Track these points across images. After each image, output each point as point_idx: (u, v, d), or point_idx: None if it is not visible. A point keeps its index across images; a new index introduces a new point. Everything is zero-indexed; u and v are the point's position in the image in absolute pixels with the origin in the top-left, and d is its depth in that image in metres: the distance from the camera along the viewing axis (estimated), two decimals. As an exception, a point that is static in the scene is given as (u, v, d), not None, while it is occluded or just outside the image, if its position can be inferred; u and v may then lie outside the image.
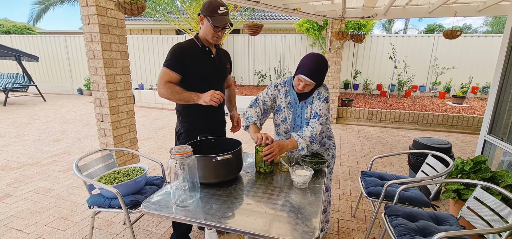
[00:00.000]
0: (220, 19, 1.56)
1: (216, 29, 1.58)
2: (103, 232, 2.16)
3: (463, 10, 4.51)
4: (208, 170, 1.29)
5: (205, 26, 1.61)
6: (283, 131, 1.74)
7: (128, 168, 1.98)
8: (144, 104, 8.16)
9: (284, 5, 4.37)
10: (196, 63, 1.64)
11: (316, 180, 1.41)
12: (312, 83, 1.51)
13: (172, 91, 1.58)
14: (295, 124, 1.69)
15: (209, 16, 1.55)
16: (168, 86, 1.58)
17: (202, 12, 1.58)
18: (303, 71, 1.49)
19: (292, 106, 1.67)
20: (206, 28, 1.60)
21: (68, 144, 4.35)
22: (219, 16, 1.56)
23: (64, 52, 10.33)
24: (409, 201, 1.87)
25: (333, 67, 5.92)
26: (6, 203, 2.57)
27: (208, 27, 1.59)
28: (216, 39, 1.65)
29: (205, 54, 1.69)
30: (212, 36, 1.62)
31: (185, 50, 1.62)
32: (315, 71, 1.48)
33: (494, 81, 2.71)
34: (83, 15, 2.61)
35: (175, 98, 1.61)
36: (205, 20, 1.59)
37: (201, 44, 1.67)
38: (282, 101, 1.68)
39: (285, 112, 1.69)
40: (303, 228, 1.00)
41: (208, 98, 1.52)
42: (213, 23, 1.55)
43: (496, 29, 17.27)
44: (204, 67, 1.69)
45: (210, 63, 1.72)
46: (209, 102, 1.52)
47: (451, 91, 8.23)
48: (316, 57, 1.51)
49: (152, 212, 1.13)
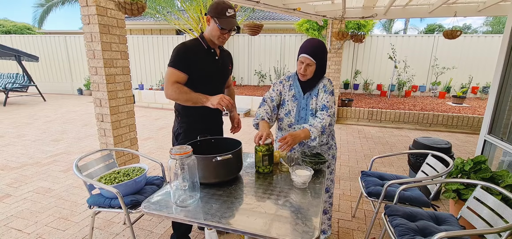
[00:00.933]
0: (227, 22, 1.53)
1: (223, 31, 1.55)
2: (103, 232, 2.16)
3: (463, 10, 4.51)
4: (208, 170, 1.29)
5: (211, 27, 1.57)
6: (287, 125, 1.74)
7: (128, 168, 1.98)
8: (144, 104, 8.17)
9: (284, 5, 4.37)
10: (200, 64, 1.62)
11: (316, 180, 1.41)
12: (312, 62, 1.54)
13: (180, 91, 1.54)
14: (300, 116, 1.69)
15: (217, 18, 1.52)
16: (176, 87, 1.55)
17: (209, 13, 1.55)
18: (303, 51, 1.55)
19: (297, 99, 1.69)
20: (213, 30, 1.57)
21: (68, 144, 4.35)
22: (227, 18, 1.53)
23: (64, 52, 10.33)
24: (409, 201, 1.87)
25: (333, 67, 5.92)
26: (6, 203, 2.57)
27: (215, 28, 1.55)
28: (221, 41, 1.62)
29: (210, 55, 1.67)
30: (218, 38, 1.59)
31: (189, 49, 1.60)
32: (314, 49, 1.54)
33: (494, 81, 2.71)
34: (83, 15, 2.61)
35: (183, 99, 1.56)
36: (212, 21, 1.55)
37: (206, 45, 1.64)
38: (286, 94, 1.71)
39: (289, 106, 1.71)
40: (303, 228, 1.00)
41: (216, 101, 1.48)
42: (221, 26, 1.52)
43: (496, 29, 17.27)
44: (208, 68, 1.66)
45: (214, 64, 1.69)
46: (216, 105, 1.48)
47: (451, 91, 8.23)
48: (314, 39, 1.59)
49: (152, 212, 1.13)
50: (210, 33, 1.60)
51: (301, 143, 1.70)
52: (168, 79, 1.57)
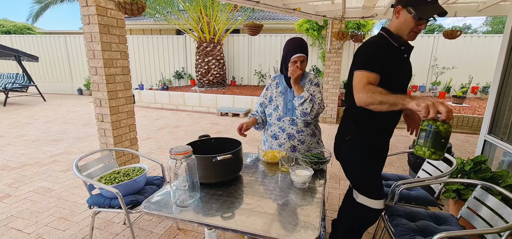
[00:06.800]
0: (429, 9, 1.23)
1: (420, 22, 1.26)
2: (103, 232, 2.16)
3: (463, 10, 4.51)
4: (208, 170, 1.29)
5: (403, 19, 1.29)
6: (276, 119, 1.80)
7: (128, 168, 1.98)
8: (144, 104, 8.17)
9: (284, 5, 4.37)
10: (393, 66, 1.34)
11: (316, 180, 1.41)
12: (304, 56, 1.65)
13: (374, 92, 1.21)
14: (287, 108, 1.77)
15: (413, 6, 1.24)
16: (369, 88, 1.24)
17: (401, 2, 1.29)
18: (294, 52, 1.63)
19: (283, 93, 1.78)
20: (405, 22, 1.29)
21: (68, 144, 4.35)
22: (427, 5, 1.24)
23: (64, 52, 10.33)
24: (415, 200, 1.87)
25: (333, 67, 5.92)
26: (6, 203, 2.57)
27: (409, 20, 1.27)
28: (413, 36, 1.33)
29: (401, 55, 1.39)
30: (411, 31, 1.30)
31: (381, 50, 1.34)
32: (301, 45, 1.65)
33: (494, 81, 2.71)
34: (83, 15, 2.61)
35: (378, 101, 1.18)
36: (404, 12, 1.28)
37: (397, 43, 1.36)
38: (274, 92, 1.82)
39: (276, 101, 1.80)
40: (303, 228, 1.00)
41: (424, 104, 1.04)
42: (418, 15, 1.23)
43: (496, 29, 17.27)
44: (399, 71, 1.38)
45: (405, 67, 1.41)
46: (425, 109, 1.03)
47: (451, 91, 8.23)
48: (296, 38, 1.69)
49: (152, 212, 1.13)
50: (400, 27, 1.32)
51: (291, 137, 1.78)
52: (358, 83, 1.28)
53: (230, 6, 7.93)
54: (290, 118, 1.75)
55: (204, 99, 7.33)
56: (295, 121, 1.74)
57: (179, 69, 10.10)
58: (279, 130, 1.79)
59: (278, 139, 1.79)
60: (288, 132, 1.76)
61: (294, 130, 1.75)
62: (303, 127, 1.75)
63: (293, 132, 1.75)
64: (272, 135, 1.82)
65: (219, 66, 8.68)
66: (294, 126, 1.75)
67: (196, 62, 8.73)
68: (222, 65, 8.79)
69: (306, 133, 1.77)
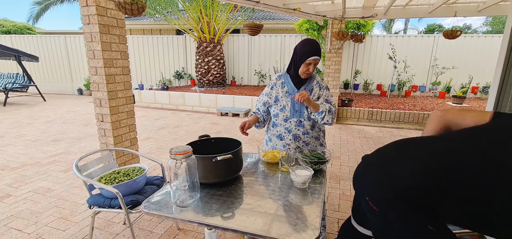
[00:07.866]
0: None
1: None
2: (103, 232, 2.16)
3: (463, 10, 4.51)
4: (208, 170, 1.29)
5: None
6: (282, 119, 1.79)
7: (128, 168, 1.98)
8: (144, 104, 8.17)
9: (284, 5, 4.37)
10: None
11: (316, 180, 1.41)
12: (318, 59, 1.65)
13: None
14: (295, 109, 1.76)
15: None
16: None
17: None
18: (309, 54, 1.61)
19: (290, 94, 1.76)
20: None
21: (68, 144, 4.35)
22: None
23: (64, 52, 10.33)
24: None
25: (333, 67, 5.92)
26: (6, 203, 2.57)
27: None
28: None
29: None
30: None
31: None
32: (316, 48, 1.63)
33: (494, 81, 2.71)
34: (83, 15, 2.61)
35: None
36: None
37: None
38: (279, 92, 1.79)
39: (283, 101, 1.77)
40: (303, 228, 1.00)
41: None
42: None
43: (496, 29, 17.27)
44: None
45: None
46: None
47: (451, 91, 8.23)
48: (310, 39, 1.69)
49: (152, 212, 1.13)
50: None
51: (297, 138, 1.76)
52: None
53: (230, 6, 7.93)
54: (297, 119, 1.74)
55: (204, 99, 7.33)
56: (302, 122, 1.74)
57: (179, 69, 10.11)
58: (285, 131, 1.77)
59: (284, 139, 1.78)
60: (294, 133, 1.75)
61: (300, 131, 1.75)
62: (309, 129, 1.75)
63: (299, 133, 1.75)
64: (278, 135, 1.81)
65: (219, 66, 8.68)
66: (301, 127, 1.75)
67: (196, 62, 8.73)
68: (222, 65, 8.79)
69: (311, 135, 1.77)
